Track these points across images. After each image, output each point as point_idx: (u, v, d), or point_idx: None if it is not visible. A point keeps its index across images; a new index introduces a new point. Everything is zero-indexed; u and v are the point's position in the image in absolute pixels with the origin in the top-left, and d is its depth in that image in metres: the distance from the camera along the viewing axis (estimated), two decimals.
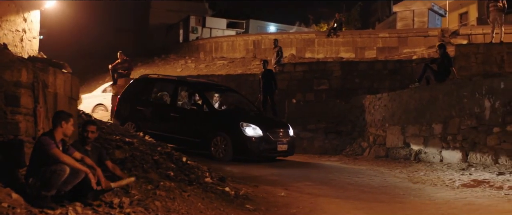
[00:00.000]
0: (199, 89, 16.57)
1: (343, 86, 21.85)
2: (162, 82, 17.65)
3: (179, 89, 16.49)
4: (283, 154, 15.61)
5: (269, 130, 15.13)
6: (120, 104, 17.19)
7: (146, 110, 16.41)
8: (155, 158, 10.27)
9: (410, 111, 16.06)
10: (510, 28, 24.45)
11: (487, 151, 13.74)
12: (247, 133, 14.77)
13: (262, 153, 15.01)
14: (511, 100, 13.47)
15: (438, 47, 17.59)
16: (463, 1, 40.62)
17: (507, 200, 9.90)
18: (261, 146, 14.90)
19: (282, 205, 9.46)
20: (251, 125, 14.93)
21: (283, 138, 15.41)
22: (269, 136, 15.02)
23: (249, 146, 14.76)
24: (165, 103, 16.59)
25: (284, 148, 15.33)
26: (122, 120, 16.47)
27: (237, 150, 14.68)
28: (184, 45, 43.11)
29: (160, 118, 16.16)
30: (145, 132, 15.10)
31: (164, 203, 7.61)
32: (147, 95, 16.91)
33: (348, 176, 13.19)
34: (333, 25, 31.98)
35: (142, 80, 17.90)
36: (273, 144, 15.10)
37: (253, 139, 14.77)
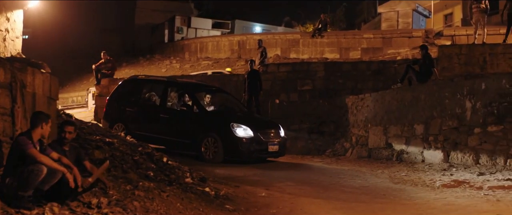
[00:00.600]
0: (189, 90, 16.33)
1: (326, 87, 21.87)
2: (151, 83, 17.47)
3: (168, 90, 16.33)
4: (274, 155, 15.47)
5: (260, 130, 14.99)
6: (109, 106, 17.03)
7: (135, 111, 16.34)
8: (135, 158, 10.24)
9: (393, 112, 16.11)
10: (493, 30, 24.60)
11: (468, 152, 13.81)
12: (238, 134, 14.61)
13: (253, 154, 14.83)
14: (492, 101, 13.54)
15: (420, 48, 17.69)
16: (448, 3, 40.84)
17: (486, 200, 9.94)
18: (252, 146, 14.73)
19: (263, 205, 9.46)
20: (241, 125, 14.79)
21: (274, 138, 15.27)
22: (260, 136, 14.87)
23: (240, 147, 14.59)
24: (155, 104, 16.41)
25: (275, 149, 15.20)
26: (111, 121, 16.36)
27: (227, 151, 14.55)
28: (169, 45, 43.09)
29: (149, 119, 16.02)
30: (134, 133, 15.11)
31: (143, 203, 7.59)
32: (136, 96, 16.83)
33: (330, 176, 13.22)
34: (318, 26, 32.06)
35: (131, 81, 17.77)
36: (264, 145, 14.93)
37: (243, 139, 14.61)
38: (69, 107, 32.04)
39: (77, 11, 45.09)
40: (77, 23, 46.41)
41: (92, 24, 49.21)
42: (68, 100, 36.51)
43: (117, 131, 15.53)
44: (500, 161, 13.20)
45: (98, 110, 24.93)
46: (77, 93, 36.75)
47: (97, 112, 24.92)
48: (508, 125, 13.21)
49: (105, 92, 24.67)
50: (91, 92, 28.64)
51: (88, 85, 32.62)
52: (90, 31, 48.18)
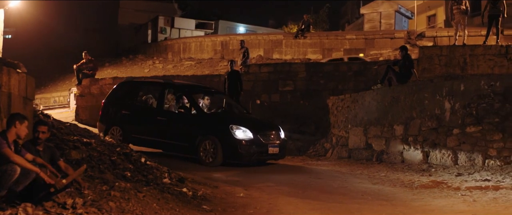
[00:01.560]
0: (186, 92, 15.97)
1: (308, 88, 21.89)
2: (148, 85, 17.31)
3: (165, 92, 15.96)
4: (274, 157, 15.07)
5: (259, 132, 14.59)
6: (105, 108, 16.74)
7: (131, 113, 16.02)
8: (112, 158, 10.20)
9: (372, 112, 16.15)
10: (474, 31, 24.74)
11: (447, 152, 13.89)
12: (237, 136, 14.22)
13: (253, 156, 14.43)
14: (471, 102, 13.63)
15: (400, 49, 17.76)
16: (431, 4, 41.00)
17: (462, 201, 10.01)
18: (252, 149, 14.32)
19: (240, 205, 9.47)
20: (241, 127, 14.41)
21: (274, 140, 14.88)
22: (260, 138, 14.47)
23: (240, 149, 14.16)
24: (151, 107, 16.10)
25: (275, 151, 14.76)
26: (107, 125, 16.09)
27: (227, 154, 14.18)
28: (152, 46, 42.99)
29: (146, 121, 15.68)
30: (131, 137, 15.17)
31: (119, 203, 7.55)
32: (132, 99, 16.53)
33: (309, 176, 13.26)
34: (301, 27, 32.10)
35: (127, 83, 17.58)
36: (264, 147, 14.51)
37: (243, 142, 14.20)
38: (51, 107, 31.92)
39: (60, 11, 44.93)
40: (60, 23, 46.20)
41: (75, 24, 49.03)
42: (50, 100, 36.31)
43: (114, 135, 15.47)
44: (478, 162, 13.30)
45: (79, 110, 24.89)
46: (59, 93, 36.55)
47: (79, 112, 24.86)
48: (487, 125, 13.33)
49: (86, 93, 24.65)
50: (73, 93, 28.48)
51: (70, 86, 32.46)
52: (73, 31, 47.97)
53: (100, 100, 24.09)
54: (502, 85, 13.41)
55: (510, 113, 13.16)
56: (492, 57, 19.41)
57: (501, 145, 13.12)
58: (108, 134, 15.50)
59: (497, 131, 13.21)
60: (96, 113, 24.12)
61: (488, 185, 11.19)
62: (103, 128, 16.13)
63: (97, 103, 24.16)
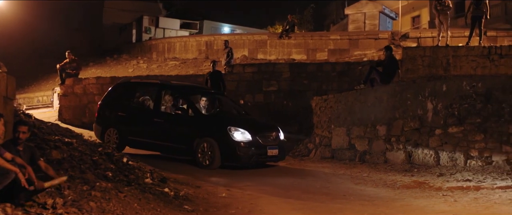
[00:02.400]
0: (183, 93, 15.81)
1: (292, 88, 21.90)
2: (144, 86, 17.00)
3: (162, 93, 15.69)
4: (273, 159, 14.89)
5: (258, 134, 14.36)
6: (101, 110, 16.42)
7: (128, 115, 15.79)
8: (94, 158, 10.15)
9: (355, 113, 16.19)
10: (458, 32, 24.85)
11: (429, 152, 13.99)
12: (236, 138, 13.96)
13: (252, 158, 14.16)
14: (453, 103, 13.72)
15: (385, 49, 17.85)
16: (416, 5, 41.18)
17: (444, 201, 10.08)
18: (251, 151, 14.07)
19: (222, 205, 9.48)
20: (239, 129, 14.14)
21: (273, 142, 14.63)
22: (259, 140, 14.23)
23: (238, 151, 13.89)
24: (148, 108, 15.80)
25: (274, 153, 14.54)
26: (104, 127, 15.80)
27: (225, 156, 13.91)
28: (136, 46, 42.85)
29: (143, 123, 15.41)
30: (128, 139, 15.07)
31: (99, 203, 7.52)
32: (129, 100, 16.25)
33: (292, 177, 13.30)
34: (286, 27, 32.11)
35: (123, 85, 17.21)
36: (263, 149, 14.27)
37: (242, 144, 13.94)
38: (34, 107, 31.76)
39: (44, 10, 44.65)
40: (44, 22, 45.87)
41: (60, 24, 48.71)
42: (34, 100, 36.15)
43: (110, 137, 15.34)
44: (460, 162, 13.40)
45: (62, 110, 24.77)
46: (43, 93, 36.38)
47: (62, 111, 24.76)
48: (468, 126, 13.42)
49: (69, 92, 24.54)
50: (56, 92, 28.31)
51: (54, 85, 32.28)
52: (56, 30, 47.61)
53: (83, 100, 24.15)
54: (484, 86, 13.50)
55: (491, 114, 13.26)
56: (475, 58, 19.49)
57: (483, 145, 13.21)
58: (104, 136, 15.41)
59: (478, 131, 13.31)
60: (79, 113, 24.16)
61: (469, 185, 11.29)
62: (99, 130, 15.93)
63: (81, 103, 24.14)
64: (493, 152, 13.12)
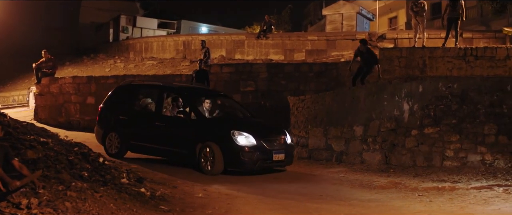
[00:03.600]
0: (186, 95, 14.99)
1: (269, 88, 21.92)
2: (146, 88, 16.30)
3: (164, 95, 15.06)
4: (280, 164, 14.12)
5: (263, 137, 13.59)
6: (102, 113, 15.95)
7: (129, 119, 15.23)
8: (70, 158, 10.07)
9: (332, 113, 16.23)
10: (434, 33, 25.02)
11: (405, 153, 14.04)
12: (239, 142, 13.19)
13: (256, 163, 13.35)
14: (429, 103, 13.81)
15: (361, 42, 18.11)
16: (393, 6, 41.44)
17: (419, 201, 10.14)
18: (255, 156, 13.26)
19: (199, 206, 9.46)
20: (243, 133, 13.36)
21: (279, 146, 13.90)
22: (264, 144, 13.44)
23: (242, 156, 13.13)
24: (150, 112, 15.22)
25: (280, 157, 13.78)
26: (105, 130, 15.38)
27: (228, 162, 13.23)
28: (113, 45, 42.67)
29: (144, 127, 14.88)
30: (129, 143, 14.73)
31: (75, 204, 7.49)
32: (130, 103, 15.63)
33: (268, 177, 13.27)
34: (263, 27, 32.13)
35: (124, 87, 16.54)
36: (268, 154, 13.50)
37: (246, 148, 13.18)
38: (10, 106, 31.60)
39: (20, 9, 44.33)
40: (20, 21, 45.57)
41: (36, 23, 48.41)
42: (9, 99, 35.92)
43: (111, 141, 14.98)
44: (436, 162, 13.49)
45: (38, 109, 24.64)
46: (19, 92, 36.16)
47: (37, 111, 24.62)
48: (444, 127, 13.51)
49: (45, 92, 24.41)
50: (32, 91, 28.15)
51: (30, 84, 32.08)
52: (33, 29, 47.36)
53: (59, 100, 24.03)
54: (459, 87, 13.62)
55: (467, 115, 13.36)
56: (451, 59, 19.63)
57: (458, 146, 13.33)
58: (106, 140, 15.09)
59: (454, 132, 13.41)
60: (55, 112, 24.04)
61: (445, 186, 11.37)
62: (100, 134, 15.51)
63: (57, 102, 24.01)
64: (468, 153, 13.24)
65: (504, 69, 18.98)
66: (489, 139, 13.14)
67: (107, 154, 14.44)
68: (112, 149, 14.89)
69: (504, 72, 18.83)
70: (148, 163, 13.86)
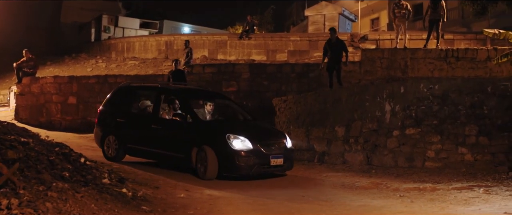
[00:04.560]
0: (182, 97, 14.47)
1: (251, 89, 21.93)
2: (144, 90, 16.00)
3: (162, 97, 14.55)
4: (278, 169, 13.49)
5: (261, 141, 13.07)
6: (101, 115, 15.63)
7: (127, 121, 14.91)
8: (51, 158, 10.00)
9: (314, 114, 16.27)
10: (416, 35, 25.16)
11: (387, 154, 14.09)
12: (235, 146, 12.69)
13: (253, 168, 12.79)
14: (410, 104, 13.87)
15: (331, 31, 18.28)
16: (375, 7, 41.65)
17: (400, 202, 10.18)
18: (251, 160, 12.73)
19: (181, 206, 9.44)
20: (239, 136, 12.87)
21: (277, 150, 13.33)
22: (261, 148, 12.90)
23: (237, 161, 12.63)
24: (147, 114, 14.84)
25: (279, 162, 13.19)
26: (103, 133, 15.10)
27: (223, 166, 12.69)
28: (95, 45, 42.49)
29: (141, 130, 14.47)
30: (127, 147, 14.43)
31: (55, 204, 7.43)
32: (128, 105, 15.31)
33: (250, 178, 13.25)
34: (246, 28, 32.15)
35: (123, 89, 16.07)
36: (266, 158, 12.93)
37: (241, 152, 12.67)
38: None
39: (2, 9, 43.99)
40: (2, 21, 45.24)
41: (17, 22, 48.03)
42: None
43: (109, 144, 14.72)
44: (417, 163, 13.55)
45: (19, 109, 24.49)
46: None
47: (18, 111, 24.47)
48: (425, 127, 13.59)
49: (26, 91, 24.27)
50: (13, 91, 27.97)
51: (11, 84, 31.88)
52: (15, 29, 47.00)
53: (40, 100, 23.90)
54: (441, 88, 13.70)
55: (448, 116, 13.44)
56: (432, 60, 19.80)
57: (439, 147, 13.40)
58: (104, 143, 14.87)
59: (435, 133, 13.48)
60: (36, 112, 23.90)
61: (426, 186, 11.43)
62: (99, 136, 15.26)
63: (38, 102, 23.88)
64: (449, 154, 13.32)
65: (484, 71, 19.15)
66: (470, 140, 13.23)
67: (105, 157, 14.36)
68: (110, 152, 14.66)
69: (484, 73, 19.01)
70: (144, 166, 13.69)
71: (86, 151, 14.21)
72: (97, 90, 23.70)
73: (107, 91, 23.50)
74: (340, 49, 17.88)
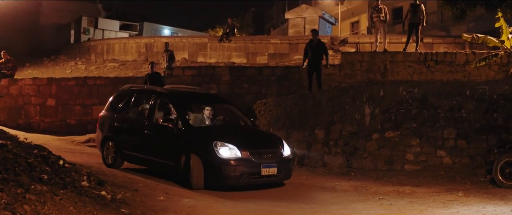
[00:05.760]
0: (175, 102, 13.62)
1: (231, 91, 21.91)
2: (142, 93, 14.99)
3: (157, 101, 13.84)
4: (272, 179, 12.38)
5: (251, 149, 12.08)
6: (101, 120, 15.08)
7: (124, 126, 14.28)
8: (29, 161, 9.93)
9: (295, 117, 16.29)
10: (396, 38, 25.27)
11: (366, 156, 14.16)
12: (221, 155, 11.78)
13: (241, 178, 11.84)
14: (390, 107, 13.96)
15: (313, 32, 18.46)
16: (355, 11, 41.83)
17: (380, 204, 10.23)
18: (239, 170, 11.79)
19: (160, 209, 9.40)
20: (227, 144, 11.96)
21: (270, 159, 12.23)
22: (251, 157, 11.93)
23: (224, 170, 11.70)
24: (142, 119, 13.96)
25: (271, 172, 12.11)
26: (103, 139, 14.57)
27: (210, 176, 11.82)
28: (75, 46, 42.27)
29: (136, 136, 13.82)
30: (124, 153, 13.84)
31: (34, 207, 7.38)
32: (126, 110, 14.58)
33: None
34: (226, 30, 32.12)
35: (123, 92, 15.35)
36: (256, 168, 11.94)
37: (229, 161, 11.75)
38: None
39: None
40: None
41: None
42: None
43: (108, 149, 14.22)
44: (396, 166, 13.62)
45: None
46: None
47: None
48: (405, 130, 13.67)
49: (4, 93, 24.06)
50: None
51: None
52: None
53: (19, 101, 23.73)
54: (420, 92, 13.80)
55: (427, 119, 13.54)
56: (412, 64, 19.91)
57: (418, 150, 13.50)
58: (103, 149, 14.40)
59: (414, 136, 13.58)
60: (14, 114, 23.72)
61: (405, 189, 11.49)
62: (99, 141, 14.82)
63: (16, 104, 23.69)
64: (428, 157, 13.43)
65: (463, 74, 19.29)
66: (449, 143, 13.34)
67: (105, 164, 14.01)
68: (109, 159, 14.16)
69: (463, 77, 19.14)
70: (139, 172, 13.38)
71: (65, 153, 14.11)
72: (77, 92, 23.58)
73: (87, 93, 23.49)
74: (320, 51, 17.94)
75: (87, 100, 23.50)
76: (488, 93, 13.37)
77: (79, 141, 20.00)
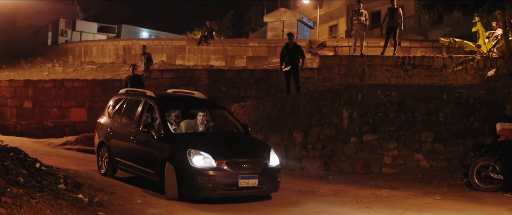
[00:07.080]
0: (160, 106, 12.76)
1: (210, 94, 21.74)
2: (131, 97, 14.26)
3: (145, 106, 13.05)
4: (253, 191, 11.24)
5: (229, 158, 11.12)
6: (98, 125, 14.61)
7: (115, 132, 13.65)
8: (5, 163, 9.85)
9: (273, 120, 16.30)
10: (374, 42, 25.39)
11: (344, 160, 14.21)
12: (195, 164, 10.94)
13: (216, 189, 10.86)
14: (368, 111, 14.01)
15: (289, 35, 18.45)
16: (333, 15, 41.95)
17: (357, 208, 10.25)
18: (213, 180, 10.86)
19: (138, 212, 9.39)
20: (201, 152, 11.08)
21: (250, 169, 11.20)
22: (227, 167, 10.98)
23: (196, 180, 10.83)
24: (130, 124, 13.27)
25: (251, 183, 11.05)
26: (98, 145, 14.14)
27: (182, 185, 11.00)
28: (52, 48, 41.91)
29: (124, 142, 13.22)
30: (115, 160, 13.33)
31: (10, 210, 7.32)
32: (120, 114, 13.95)
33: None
34: (204, 33, 32.05)
35: (119, 96, 14.76)
36: (233, 178, 10.94)
37: (203, 171, 10.88)
38: None
39: None
40: None
41: None
42: None
43: (101, 157, 13.78)
44: (374, 169, 13.68)
45: None
46: None
47: None
48: (382, 134, 13.73)
49: None
50: None
51: None
52: None
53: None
54: (397, 95, 13.87)
55: (404, 122, 13.61)
56: (389, 67, 20.02)
57: (396, 153, 13.57)
58: (99, 154, 13.99)
59: (392, 139, 13.65)
60: None
61: (382, 192, 11.55)
62: (95, 147, 14.43)
63: None
64: (405, 160, 13.51)
65: (440, 78, 19.43)
66: (426, 146, 13.43)
67: (99, 172, 13.63)
68: (103, 166, 13.66)
69: (440, 81, 19.28)
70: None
71: (42, 156, 13.98)
72: (54, 94, 23.45)
73: (64, 95, 23.35)
74: (297, 55, 17.97)
75: (64, 102, 23.38)
76: (465, 97, 13.47)
77: (56, 143, 19.83)
